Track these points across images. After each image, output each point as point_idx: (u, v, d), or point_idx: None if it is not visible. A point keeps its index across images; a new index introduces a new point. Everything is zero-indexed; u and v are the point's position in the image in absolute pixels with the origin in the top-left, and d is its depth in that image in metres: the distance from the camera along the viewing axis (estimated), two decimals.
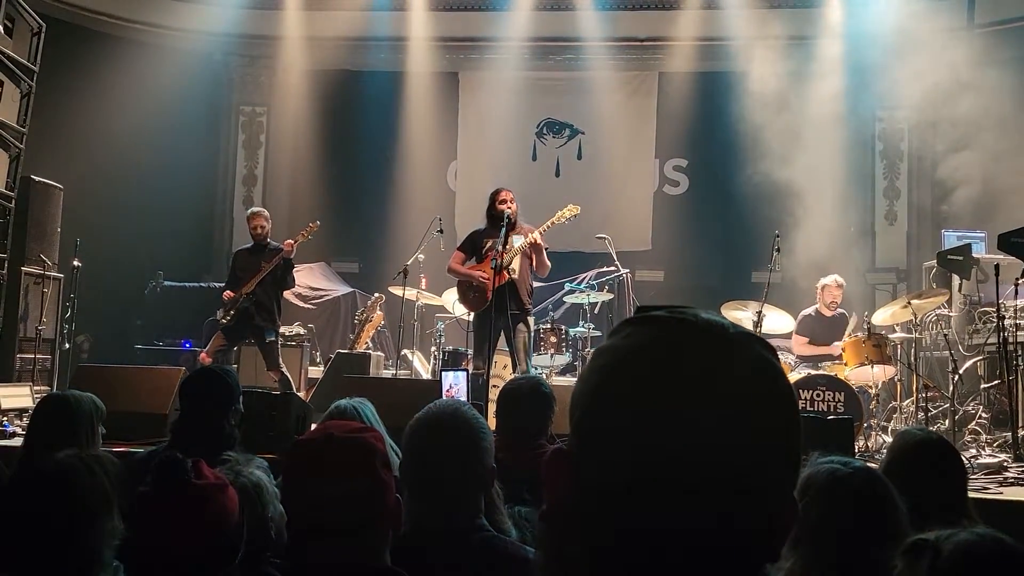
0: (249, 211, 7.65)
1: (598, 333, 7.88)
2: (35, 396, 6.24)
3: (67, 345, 7.71)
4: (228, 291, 7.15)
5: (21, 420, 5.87)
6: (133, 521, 1.77)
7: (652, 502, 0.71)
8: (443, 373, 6.11)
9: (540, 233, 6.50)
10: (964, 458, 5.42)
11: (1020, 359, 6.22)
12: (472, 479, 1.92)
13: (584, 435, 0.75)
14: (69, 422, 2.92)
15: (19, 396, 6.27)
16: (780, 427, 0.74)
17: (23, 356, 7.23)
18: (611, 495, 0.72)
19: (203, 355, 7.11)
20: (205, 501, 1.68)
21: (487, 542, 1.91)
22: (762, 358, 0.75)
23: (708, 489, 0.70)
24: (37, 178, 7.58)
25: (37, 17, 7.63)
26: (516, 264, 6.45)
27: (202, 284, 9.64)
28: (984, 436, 6.42)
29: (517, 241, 6.47)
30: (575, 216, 6.66)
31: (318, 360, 9.08)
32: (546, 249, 6.58)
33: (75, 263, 7.55)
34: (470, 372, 6.23)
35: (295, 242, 7.09)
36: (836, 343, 7.42)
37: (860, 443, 6.11)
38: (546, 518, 0.79)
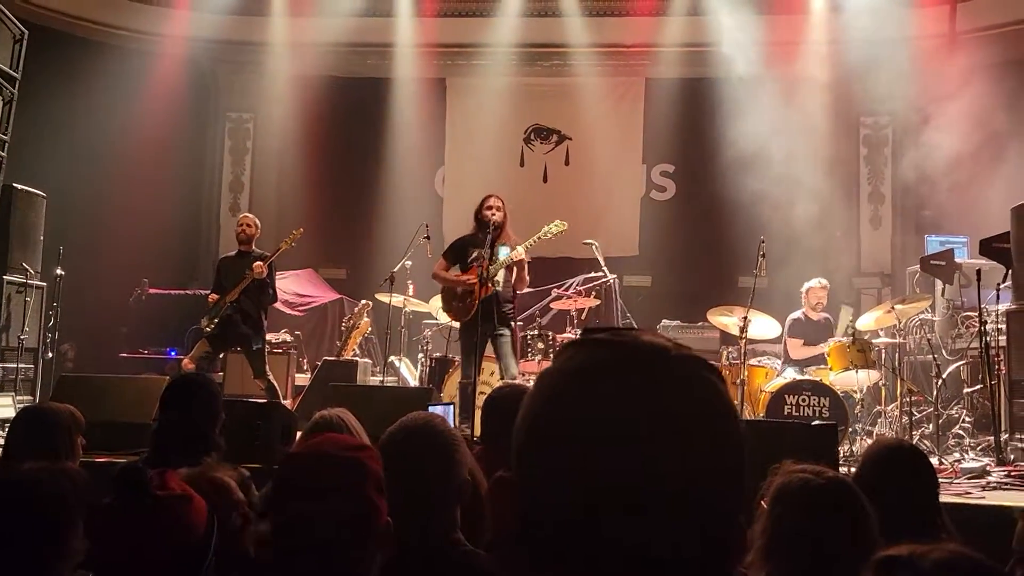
0: (241, 215, 7.69)
1: None
2: (18, 406, 6.20)
3: (50, 354, 7.66)
4: (213, 295, 7.12)
5: (3, 430, 5.83)
6: (97, 532, 1.75)
7: (593, 528, 0.70)
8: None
9: (525, 249, 6.46)
10: (947, 463, 5.48)
11: (1002, 363, 6.26)
12: (446, 492, 1.91)
13: (526, 461, 0.75)
14: (47, 435, 2.90)
15: (2, 406, 6.23)
16: (723, 449, 0.74)
17: (6, 366, 7.18)
18: (553, 522, 0.72)
19: (186, 361, 7.05)
20: (166, 511, 1.67)
21: (465, 557, 1.91)
22: (704, 380, 0.75)
23: (650, 514, 0.70)
24: (19, 186, 7.53)
25: (19, 24, 7.58)
26: (501, 276, 6.44)
27: (188, 291, 9.59)
28: (968, 440, 6.46)
29: (503, 251, 6.46)
30: (562, 232, 6.64)
31: (305, 367, 9.05)
32: (528, 263, 6.55)
33: (58, 271, 7.50)
34: (460, 383, 6.20)
35: (264, 264, 7.00)
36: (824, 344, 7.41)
37: (845, 448, 6.13)
38: (493, 546, 0.78)
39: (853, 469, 3.58)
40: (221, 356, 7.72)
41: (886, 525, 1.98)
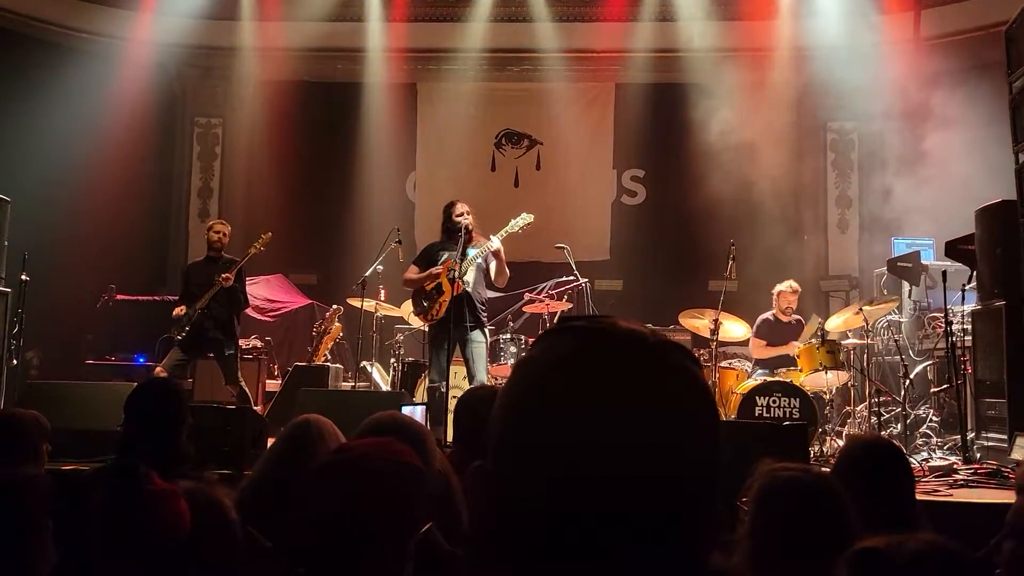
0: (212, 222, 7.61)
1: None
2: None
3: (15, 361, 7.50)
4: (180, 307, 7.02)
5: None
6: (90, 532, 1.73)
7: (571, 517, 0.70)
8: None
9: (500, 239, 6.46)
10: (915, 461, 5.56)
11: (968, 363, 6.36)
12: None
13: (504, 451, 0.74)
14: (11, 441, 2.84)
15: None
16: (700, 437, 0.73)
17: None
18: (531, 512, 0.71)
19: (159, 369, 6.97)
20: (158, 506, 1.65)
21: (442, 557, 1.89)
22: (682, 367, 0.75)
23: (628, 503, 0.69)
24: None
25: None
26: (471, 276, 6.43)
27: (156, 298, 9.46)
28: (935, 439, 6.56)
29: (471, 252, 6.45)
30: (529, 224, 6.66)
31: (275, 373, 8.98)
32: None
33: (23, 277, 7.37)
34: (427, 386, 6.16)
35: (232, 273, 6.93)
36: (793, 343, 7.46)
37: (815, 448, 6.20)
38: (471, 538, 0.78)
39: (826, 469, 3.61)
40: (192, 363, 7.63)
41: (866, 520, 1.98)
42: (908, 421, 6.57)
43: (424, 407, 5.87)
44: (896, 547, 1.44)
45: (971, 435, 6.07)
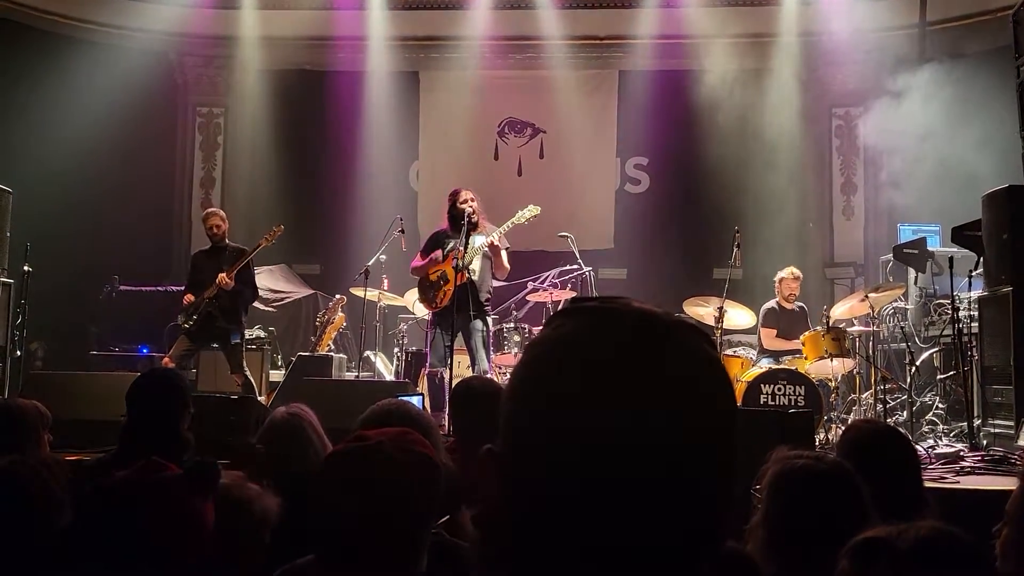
0: (204, 212, 7.57)
1: None
2: None
3: (19, 353, 7.51)
4: (188, 295, 7.00)
5: None
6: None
7: (580, 503, 0.67)
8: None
9: (500, 235, 6.46)
10: (922, 448, 5.53)
11: (974, 350, 6.33)
12: None
13: (513, 432, 0.73)
14: (12, 430, 2.83)
15: None
16: (716, 420, 0.71)
17: None
18: (539, 494, 0.69)
19: (166, 359, 6.96)
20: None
21: (448, 548, 1.87)
22: (697, 347, 0.72)
23: (639, 487, 0.67)
24: None
25: None
26: (476, 264, 6.42)
27: (159, 288, 9.46)
28: (941, 426, 6.53)
29: (478, 241, 6.44)
30: (535, 216, 6.64)
31: (279, 363, 8.97)
32: (507, 249, 6.56)
33: (26, 268, 7.36)
34: (427, 372, 6.15)
35: (230, 275, 6.84)
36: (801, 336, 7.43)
37: (820, 436, 6.18)
38: (480, 521, 0.76)
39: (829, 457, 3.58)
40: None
41: (873, 508, 1.96)
42: (914, 408, 6.54)
43: (422, 397, 5.86)
44: (898, 535, 1.42)
45: (978, 422, 6.05)
